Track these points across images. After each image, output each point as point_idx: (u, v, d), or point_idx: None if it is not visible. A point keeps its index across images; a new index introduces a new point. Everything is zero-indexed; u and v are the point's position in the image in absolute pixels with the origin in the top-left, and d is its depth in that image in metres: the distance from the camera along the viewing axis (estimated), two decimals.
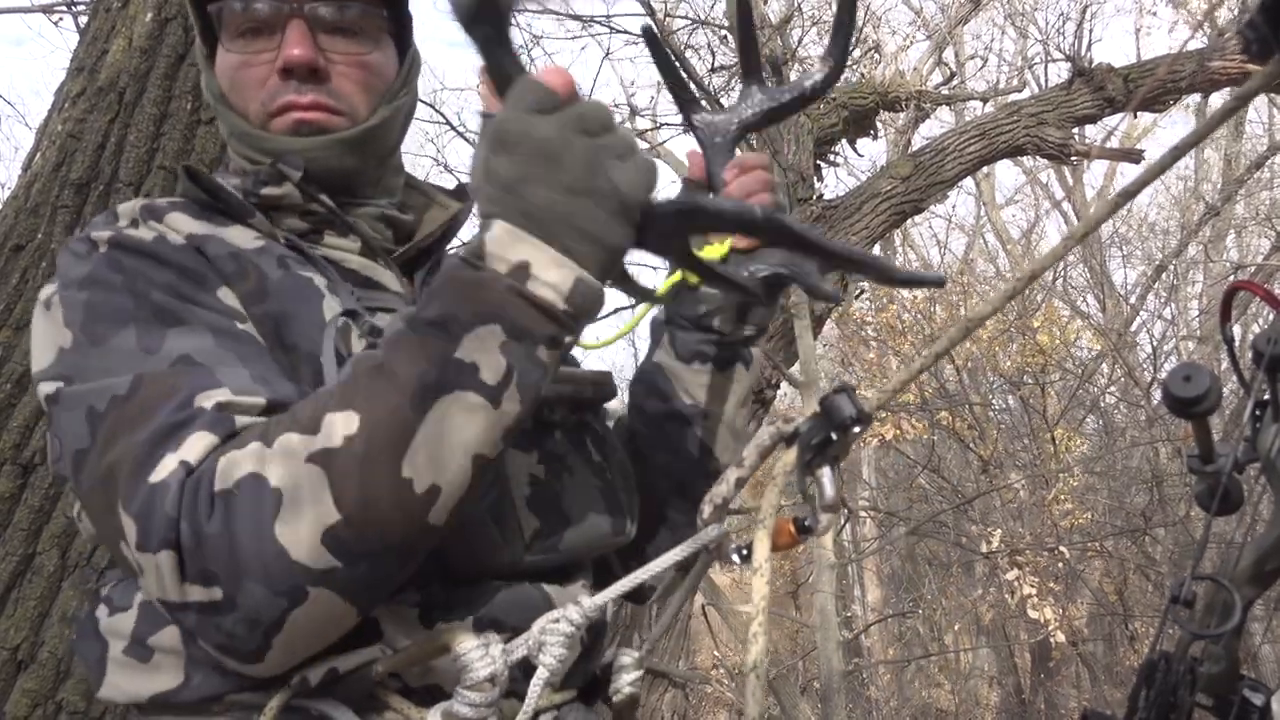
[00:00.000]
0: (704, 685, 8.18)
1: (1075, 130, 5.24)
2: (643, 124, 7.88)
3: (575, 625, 0.76)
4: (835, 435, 0.70)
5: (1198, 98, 8.01)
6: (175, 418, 0.77)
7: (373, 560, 0.74)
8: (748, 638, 0.63)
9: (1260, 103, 11.60)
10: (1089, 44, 9.67)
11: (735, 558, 0.73)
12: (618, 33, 9.16)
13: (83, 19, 2.90)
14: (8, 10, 4.78)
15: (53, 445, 0.85)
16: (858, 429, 0.70)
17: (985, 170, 10.84)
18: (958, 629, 9.72)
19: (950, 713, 9.90)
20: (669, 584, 1.05)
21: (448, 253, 1.11)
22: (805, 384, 4.53)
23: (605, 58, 11.31)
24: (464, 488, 0.75)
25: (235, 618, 0.73)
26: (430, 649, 0.80)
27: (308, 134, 0.99)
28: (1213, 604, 1.06)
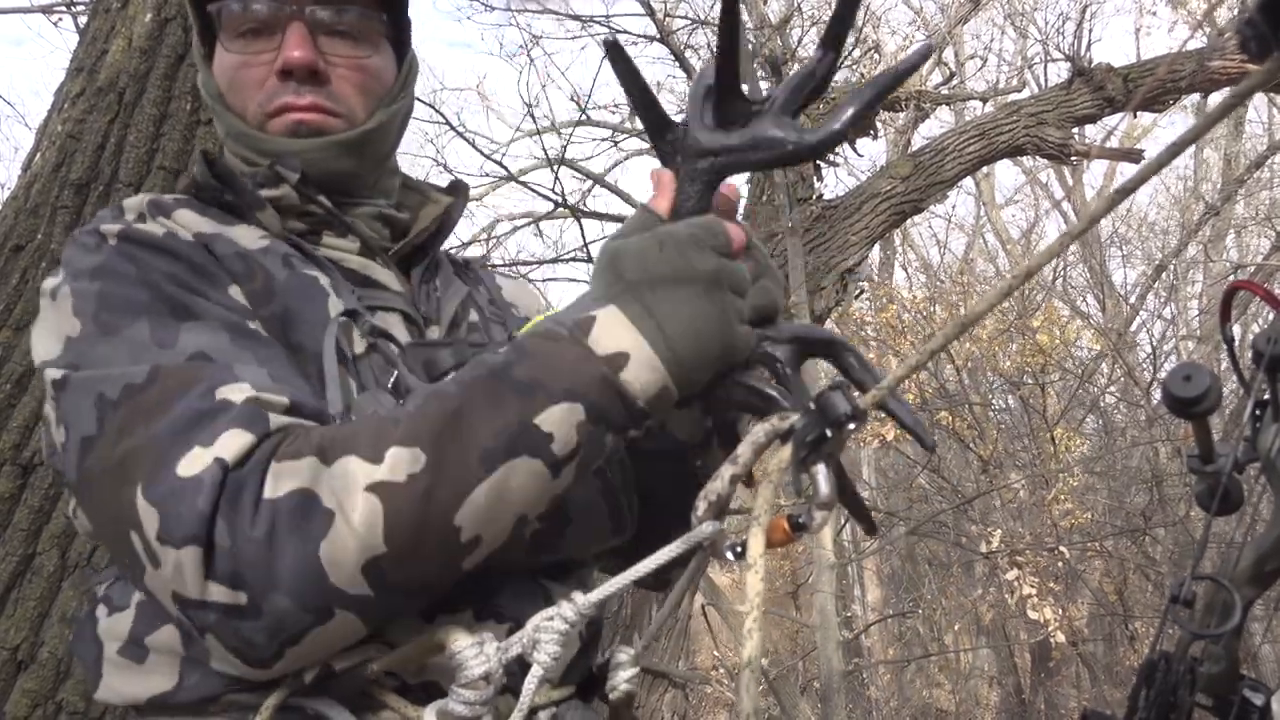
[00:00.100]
0: (704, 685, 8.18)
1: (1075, 130, 5.25)
2: (642, 125, 7.85)
3: (570, 623, 0.76)
4: (830, 432, 0.69)
5: (1197, 97, 8.00)
6: (199, 405, 0.76)
7: (404, 594, 0.76)
8: (743, 634, 0.63)
9: (1260, 102, 11.63)
10: (1089, 44, 9.68)
11: (730, 555, 0.73)
12: (618, 33, 9.16)
13: (82, 19, 2.90)
14: (8, 10, 4.79)
15: (54, 433, 0.83)
16: (852, 425, 0.69)
17: (985, 170, 10.84)
18: (958, 629, 9.72)
19: (950, 713, 9.89)
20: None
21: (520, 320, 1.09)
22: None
23: (605, 58, 11.29)
24: (501, 542, 0.78)
25: (257, 625, 0.73)
26: (425, 647, 0.80)
27: (305, 135, 0.99)
28: (1213, 604, 1.05)
